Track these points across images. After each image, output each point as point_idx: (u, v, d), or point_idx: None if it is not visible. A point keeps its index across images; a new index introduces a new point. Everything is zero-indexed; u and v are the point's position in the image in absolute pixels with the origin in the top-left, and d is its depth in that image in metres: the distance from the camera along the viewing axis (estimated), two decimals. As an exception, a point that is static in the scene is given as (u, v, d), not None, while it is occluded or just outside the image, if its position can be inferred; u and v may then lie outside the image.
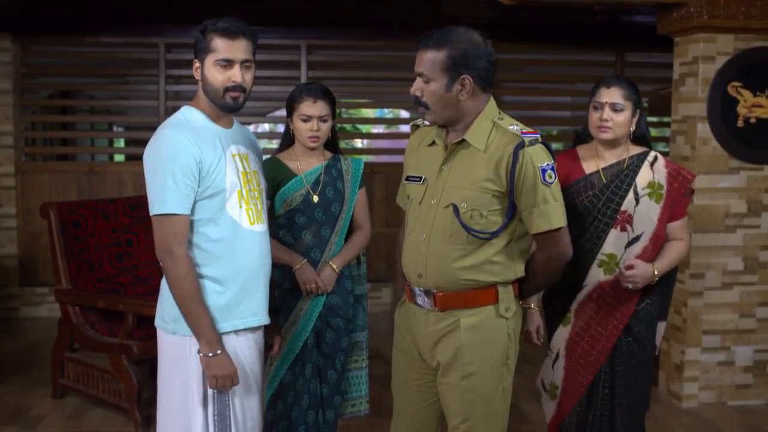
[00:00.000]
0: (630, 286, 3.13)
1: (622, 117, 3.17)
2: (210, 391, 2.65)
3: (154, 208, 2.58)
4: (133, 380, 4.49)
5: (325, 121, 3.42)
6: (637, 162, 3.23)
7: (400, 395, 2.89)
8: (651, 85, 7.73)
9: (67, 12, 6.80)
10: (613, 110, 3.16)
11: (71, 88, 8.26)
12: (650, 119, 8.22)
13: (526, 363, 5.46)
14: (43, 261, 6.90)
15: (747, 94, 4.92)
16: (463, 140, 2.64)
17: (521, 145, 2.56)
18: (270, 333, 3.02)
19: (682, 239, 3.28)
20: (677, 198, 3.23)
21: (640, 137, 3.27)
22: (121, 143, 11.34)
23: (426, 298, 2.70)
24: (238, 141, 2.77)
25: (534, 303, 3.27)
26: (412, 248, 2.71)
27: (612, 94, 3.17)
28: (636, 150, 3.27)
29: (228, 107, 2.69)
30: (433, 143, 2.75)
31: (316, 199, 3.43)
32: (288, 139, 3.52)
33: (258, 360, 2.84)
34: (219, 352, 2.60)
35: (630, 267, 3.10)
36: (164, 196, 2.55)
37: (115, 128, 9.93)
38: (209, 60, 2.63)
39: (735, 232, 5.00)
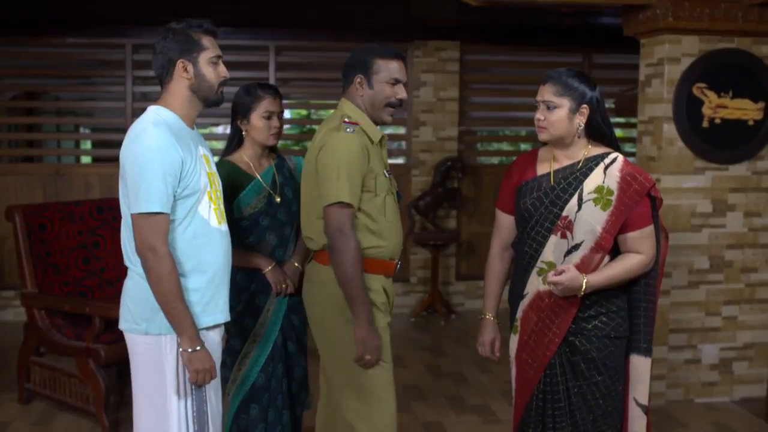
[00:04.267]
0: (555, 291, 2.86)
1: (556, 115, 2.87)
2: (188, 387, 2.68)
3: (141, 206, 2.56)
4: (101, 384, 4.45)
5: (281, 116, 3.47)
6: (592, 164, 2.92)
7: (390, 363, 3.13)
8: (618, 86, 7.80)
9: (31, 12, 6.72)
10: (546, 108, 2.88)
11: (37, 89, 8.17)
12: (617, 120, 8.31)
13: (496, 364, 5.50)
14: (8, 264, 6.81)
15: (712, 95, 4.97)
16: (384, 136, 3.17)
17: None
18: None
19: (639, 253, 2.92)
20: (632, 206, 2.87)
21: (597, 135, 2.95)
22: (87, 145, 11.24)
23: (400, 264, 3.20)
24: (201, 143, 2.83)
25: (490, 313, 3.18)
26: (398, 228, 3.14)
27: (544, 91, 2.89)
28: (596, 151, 2.95)
29: (219, 101, 2.78)
30: (381, 141, 3.13)
31: (278, 199, 3.45)
32: (236, 142, 3.49)
33: (221, 354, 2.92)
34: (199, 348, 2.64)
35: (560, 272, 2.82)
36: (151, 194, 2.56)
37: (81, 130, 9.84)
38: (203, 58, 2.70)
39: (701, 232, 5.06)
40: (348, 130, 2.99)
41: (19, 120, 8.02)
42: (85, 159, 9.61)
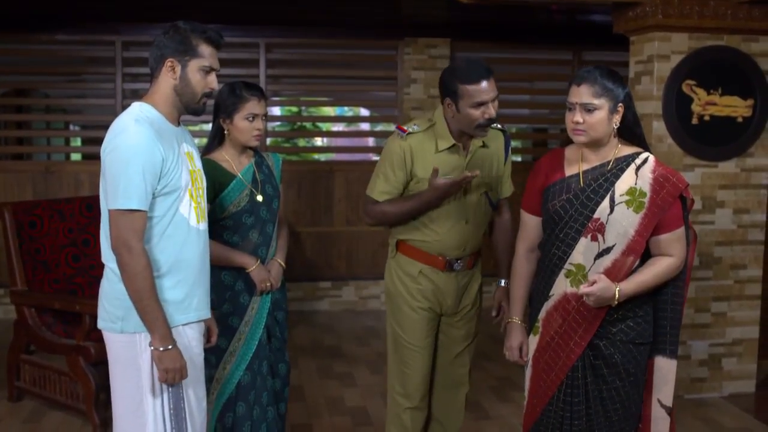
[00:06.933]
0: (588, 301, 2.81)
1: (596, 117, 2.78)
2: (163, 385, 2.68)
3: (118, 202, 2.56)
4: (91, 382, 4.44)
5: (264, 119, 3.46)
6: (623, 165, 2.86)
7: (419, 346, 3.48)
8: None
9: (21, 9, 6.70)
10: (585, 111, 2.79)
11: (26, 86, 8.15)
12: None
13: (486, 360, 5.51)
14: (-2, 262, 6.80)
15: (701, 92, 4.99)
16: (484, 144, 3.41)
17: (506, 133, 3.52)
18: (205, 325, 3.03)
19: (671, 255, 2.87)
20: (665, 207, 2.82)
21: (629, 134, 2.90)
22: (77, 142, 11.22)
23: (462, 264, 3.45)
24: (186, 140, 2.83)
25: (517, 316, 3.13)
26: (455, 232, 3.39)
27: (581, 93, 2.79)
28: (626, 151, 2.89)
29: (199, 111, 2.78)
30: (452, 147, 3.35)
31: (260, 198, 3.43)
32: (218, 140, 3.46)
33: (202, 351, 2.91)
34: (170, 347, 2.64)
35: (592, 283, 2.77)
36: (130, 191, 2.56)
37: (71, 127, 9.82)
38: (194, 64, 2.70)
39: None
40: (399, 135, 3.38)
41: (9, 117, 8.00)
42: (75, 156, 9.56)
